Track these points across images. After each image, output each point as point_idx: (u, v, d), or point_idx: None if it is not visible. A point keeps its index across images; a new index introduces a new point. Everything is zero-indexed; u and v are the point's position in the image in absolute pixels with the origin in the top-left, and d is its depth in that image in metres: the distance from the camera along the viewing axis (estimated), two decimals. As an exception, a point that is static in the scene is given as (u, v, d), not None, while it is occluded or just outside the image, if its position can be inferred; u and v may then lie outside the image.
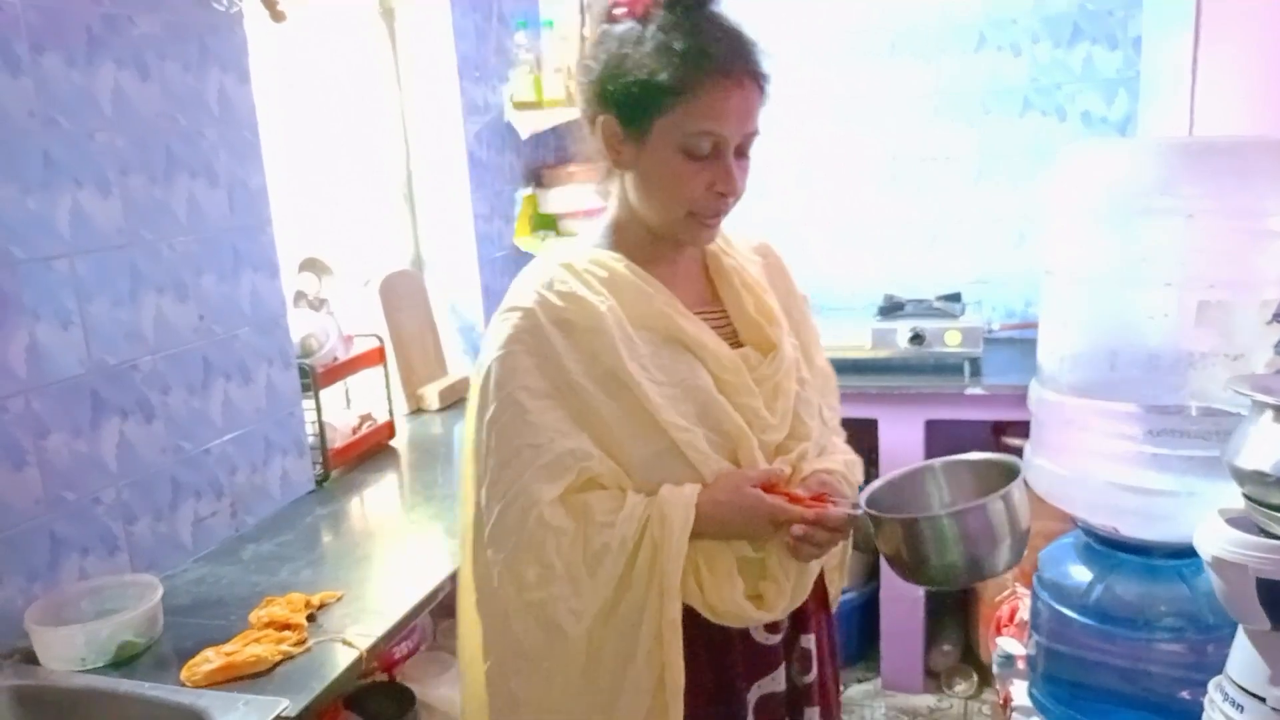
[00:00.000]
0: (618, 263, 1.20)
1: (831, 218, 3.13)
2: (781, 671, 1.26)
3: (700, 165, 1.13)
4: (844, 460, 1.33)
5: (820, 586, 1.34)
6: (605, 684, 1.16)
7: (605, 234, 1.25)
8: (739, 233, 1.34)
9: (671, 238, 1.21)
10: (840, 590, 1.41)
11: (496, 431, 1.16)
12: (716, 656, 1.20)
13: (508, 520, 1.14)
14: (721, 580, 1.17)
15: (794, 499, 1.17)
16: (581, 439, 1.14)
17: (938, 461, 1.28)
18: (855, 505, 1.17)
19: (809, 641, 1.30)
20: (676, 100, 1.10)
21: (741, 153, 1.16)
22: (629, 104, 1.13)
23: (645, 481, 1.17)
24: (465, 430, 1.25)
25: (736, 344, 1.25)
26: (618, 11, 1.15)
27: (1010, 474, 1.16)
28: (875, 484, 1.24)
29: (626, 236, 1.23)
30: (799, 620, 1.29)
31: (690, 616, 1.16)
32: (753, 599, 1.18)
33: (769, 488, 1.17)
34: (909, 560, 1.13)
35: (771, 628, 1.24)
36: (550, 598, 1.13)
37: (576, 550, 1.13)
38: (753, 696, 1.23)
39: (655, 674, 1.14)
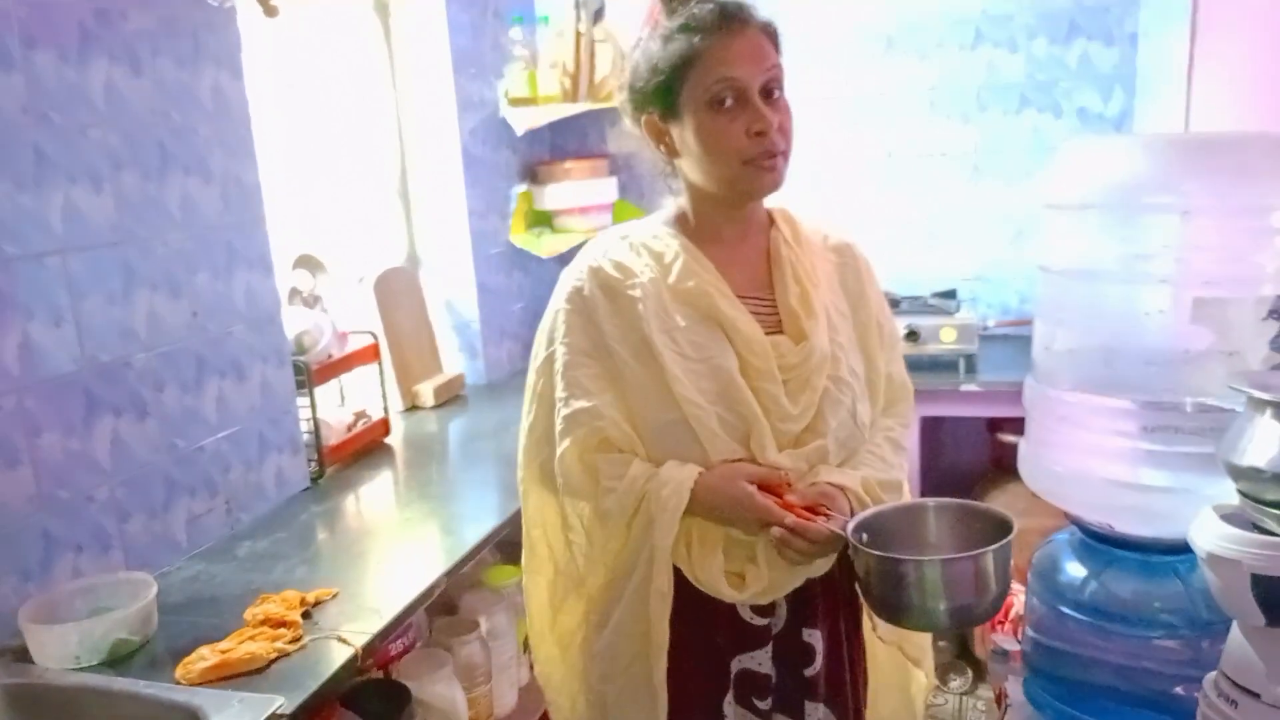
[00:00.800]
0: (673, 238, 1.30)
1: (827, 214, 3.12)
2: (766, 654, 1.30)
3: (731, 115, 1.20)
4: (864, 477, 1.30)
5: (842, 585, 1.33)
6: (610, 618, 1.31)
7: (670, 216, 1.35)
8: (822, 228, 1.41)
9: (742, 197, 1.28)
10: None
11: (543, 379, 1.32)
12: (704, 622, 1.28)
13: (549, 466, 1.30)
14: (707, 553, 1.25)
15: (786, 504, 1.20)
16: (601, 398, 1.25)
17: (933, 500, 1.27)
18: (844, 525, 1.17)
19: (812, 636, 1.31)
20: (689, 69, 1.21)
21: (769, 94, 1.22)
22: (656, 93, 1.24)
23: (655, 449, 1.26)
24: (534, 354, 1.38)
25: (778, 331, 1.30)
26: (634, 43, 1.31)
27: (1002, 524, 1.16)
28: (867, 512, 1.23)
29: (690, 219, 1.33)
30: (803, 613, 1.30)
31: (684, 579, 1.26)
32: (735, 577, 1.26)
33: (766, 487, 1.21)
34: (890, 599, 1.13)
35: (762, 611, 1.29)
36: (573, 542, 1.34)
37: (586, 508, 1.29)
38: (734, 667, 1.30)
39: (642, 627, 1.26)
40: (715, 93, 1.20)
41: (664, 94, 1.24)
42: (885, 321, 1.40)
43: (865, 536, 1.16)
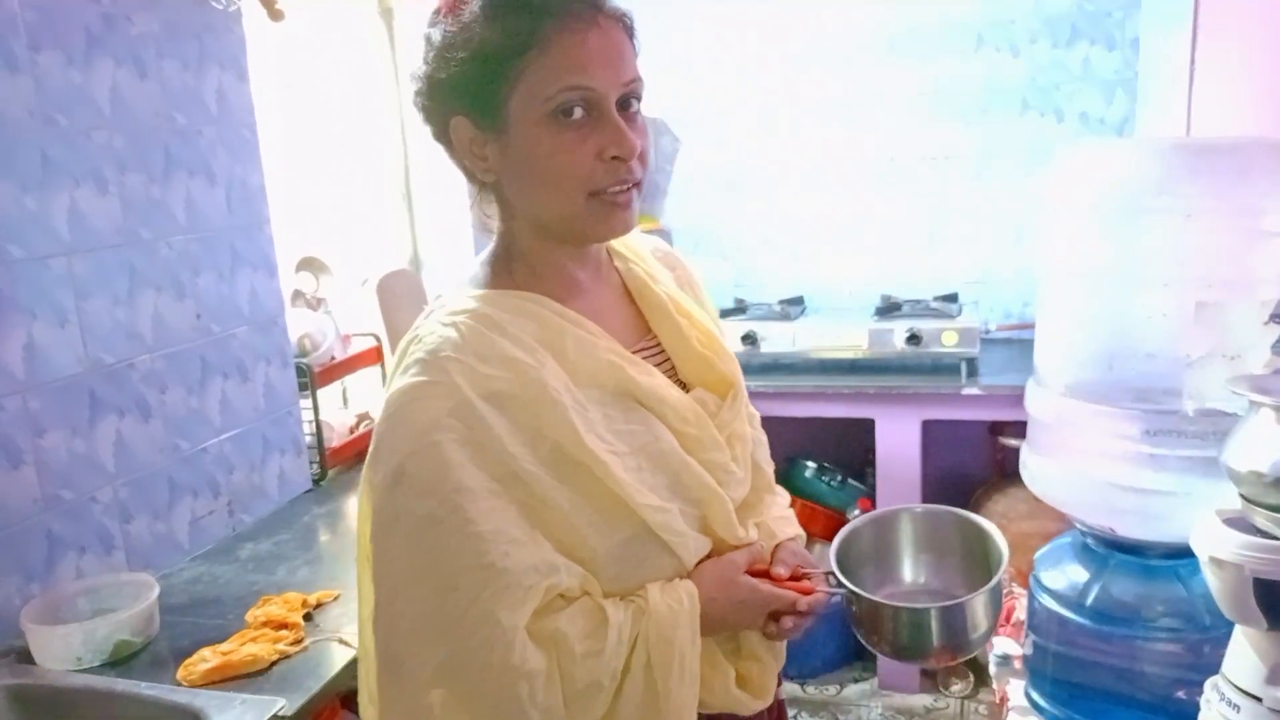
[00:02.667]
0: (539, 306, 0.97)
1: (829, 217, 3.13)
2: None
3: (579, 132, 0.91)
4: (790, 511, 1.19)
5: None
6: None
7: (495, 270, 1.02)
8: (643, 243, 1.14)
9: (583, 240, 1.00)
10: None
11: (430, 548, 0.90)
12: None
13: (463, 660, 0.90)
14: (708, 672, 1.01)
15: (776, 580, 1.05)
16: (541, 545, 0.92)
17: (919, 507, 1.22)
18: (828, 575, 1.08)
19: (781, 692, 1.18)
20: (522, 62, 0.90)
21: (626, 107, 0.94)
22: (471, 90, 0.93)
23: (615, 578, 0.97)
24: (361, 536, 1.01)
25: (679, 383, 1.06)
26: (434, 16, 0.97)
27: (993, 550, 1.11)
28: (849, 527, 1.15)
29: (527, 269, 1.00)
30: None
31: None
32: (737, 682, 1.05)
33: (751, 570, 1.04)
34: (886, 637, 1.08)
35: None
36: None
37: (555, 693, 0.91)
38: None
39: None
40: (559, 102, 0.90)
41: (481, 94, 0.92)
42: (722, 330, 1.17)
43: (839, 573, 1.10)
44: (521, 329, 0.95)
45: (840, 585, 1.07)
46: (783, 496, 1.21)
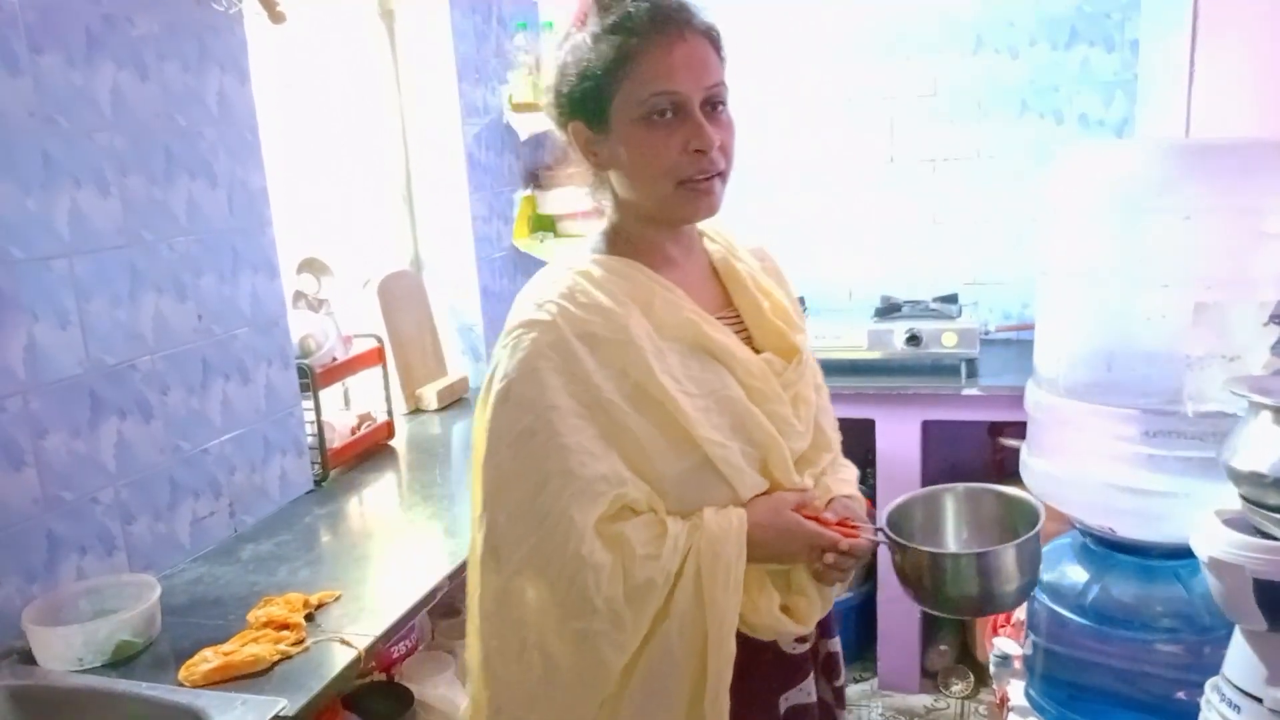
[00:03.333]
0: (636, 270, 1.16)
1: (829, 218, 3.14)
2: (810, 681, 1.24)
3: (668, 130, 1.09)
4: (853, 478, 1.32)
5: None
6: (634, 709, 1.13)
7: (606, 242, 1.21)
8: (736, 236, 1.32)
9: (674, 221, 1.18)
10: (847, 592, 1.41)
11: (526, 455, 1.10)
12: (745, 668, 1.14)
13: (547, 548, 1.09)
14: (755, 595, 1.15)
15: (824, 523, 1.16)
16: (614, 461, 1.10)
17: (961, 486, 1.30)
18: (877, 531, 1.19)
19: (834, 645, 1.31)
20: (621, 76, 1.09)
21: (712, 108, 1.11)
22: (585, 100, 1.12)
23: (678, 500, 1.13)
24: (475, 451, 1.18)
25: (753, 350, 1.22)
26: (559, 40, 1.17)
27: (1030, 512, 1.18)
28: (898, 501, 1.25)
29: (630, 241, 1.19)
30: (823, 626, 1.28)
31: None
32: (783, 610, 1.17)
33: (800, 509, 1.17)
34: (927, 588, 1.16)
35: (800, 638, 1.23)
36: (592, 631, 1.09)
37: (616, 585, 1.08)
38: (783, 705, 1.22)
39: (689, 706, 1.12)
40: (651, 106, 1.08)
41: (592, 103, 1.12)
42: (803, 325, 1.34)
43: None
44: (616, 285, 1.14)
45: (887, 538, 1.17)
46: (849, 470, 1.33)
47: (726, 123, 1.13)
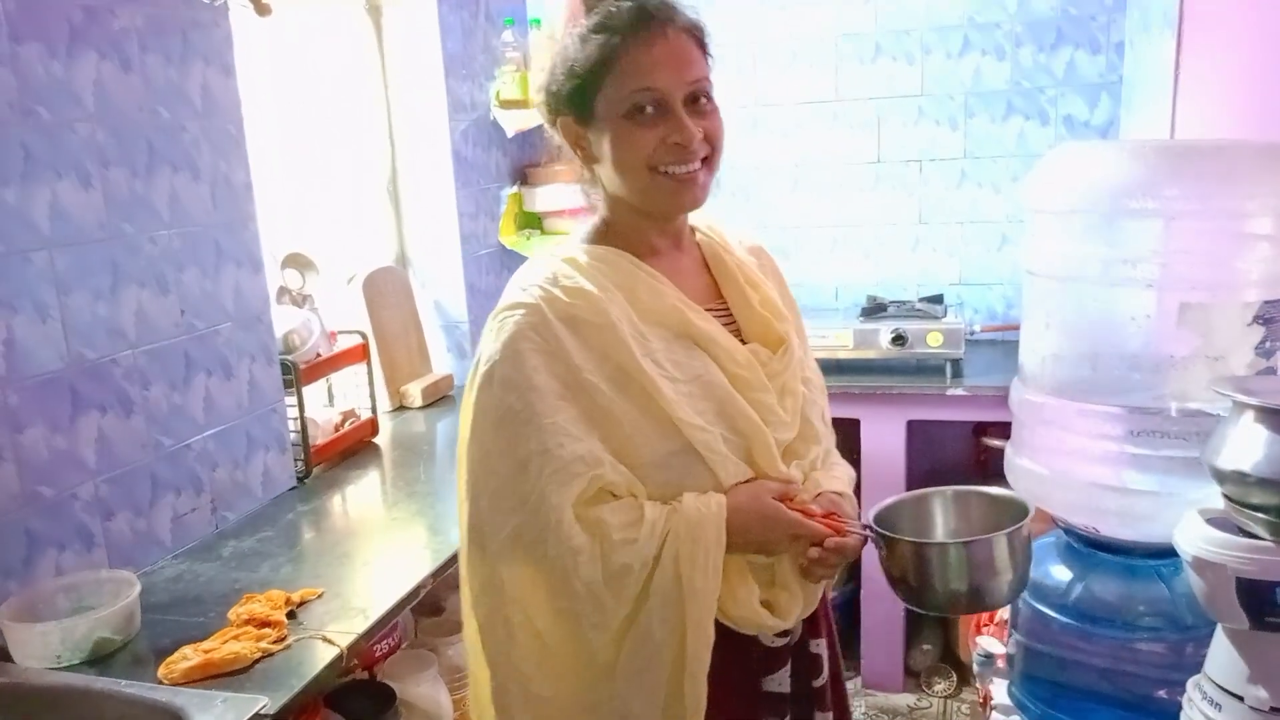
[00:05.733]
0: (622, 258, 1.18)
1: (816, 218, 3.14)
2: (786, 673, 1.24)
3: (650, 125, 1.11)
4: (847, 476, 1.32)
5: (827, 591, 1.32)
6: (619, 689, 1.14)
7: (596, 233, 1.23)
8: (733, 234, 1.33)
9: (660, 213, 1.20)
10: (831, 591, 1.41)
11: (507, 435, 1.11)
12: (725, 655, 1.15)
13: (528, 531, 1.11)
14: (735, 585, 1.15)
15: (809, 514, 1.16)
16: (592, 442, 1.11)
17: (950, 489, 1.29)
18: (865, 527, 1.18)
19: (819, 646, 1.29)
20: (605, 73, 1.12)
21: (695, 102, 1.13)
22: (572, 96, 1.15)
23: (659, 484, 1.14)
24: (461, 433, 1.19)
25: (741, 341, 1.23)
26: (549, 42, 1.23)
27: (1019, 512, 1.18)
28: (886, 502, 1.24)
29: (619, 233, 1.21)
30: (809, 624, 1.27)
31: None
32: (764, 605, 1.17)
33: (784, 499, 1.16)
34: (915, 584, 1.15)
35: (781, 632, 1.22)
36: (575, 611, 1.11)
37: (595, 569, 1.09)
38: (762, 688, 1.23)
39: (669, 683, 1.13)
40: (633, 102, 1.11)
41: (579, 99, 1.15)
42: (801, 323, 1.36)
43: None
44: (601, 272, 1.16)
45: (874, 533, 1.17)
46: (843, 469, 1.33)
47: (712, 112, 1.15)
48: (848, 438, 2.74)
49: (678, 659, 1.12)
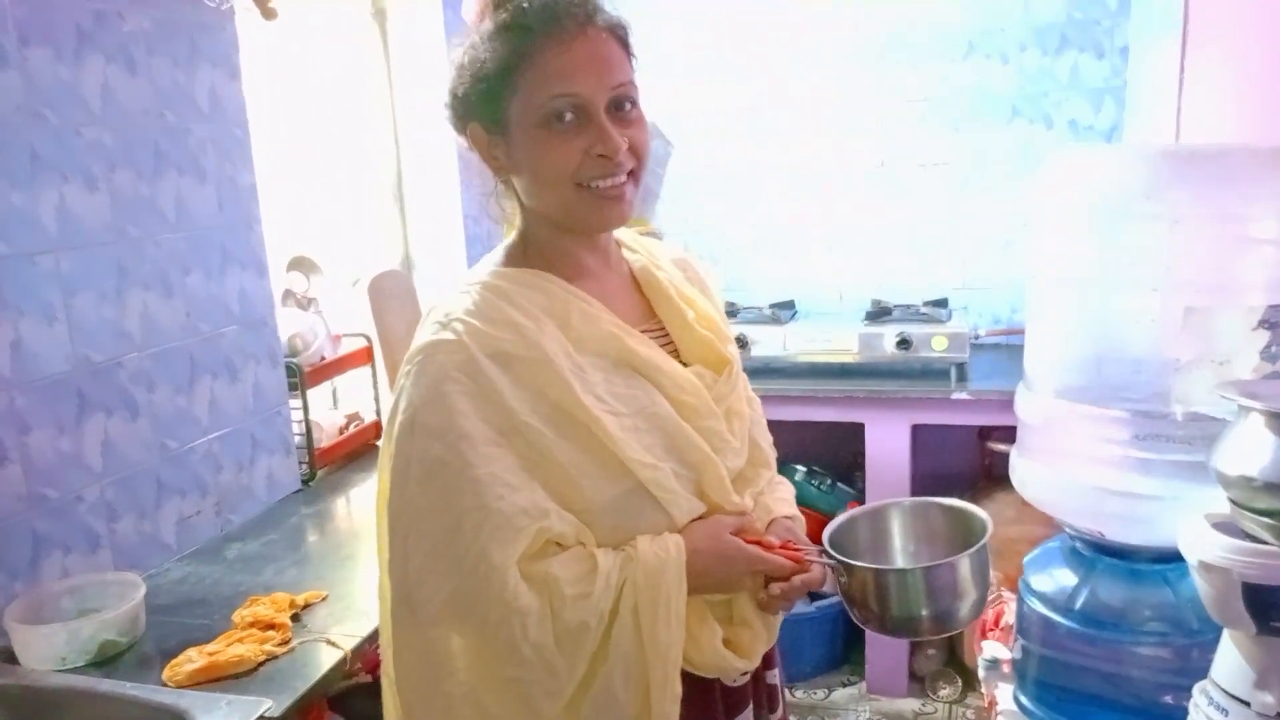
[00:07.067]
0: (549, 282, 1.06)
1: (820, 223, 3.14)
2: (749, 713, 1.17)
3: (569, 135, 1.00)
4: (791, 496, 1.26)
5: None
6: None
7: (512, 253, 1.11)
8: (659, 247, 1.25)
9: (583, 229, 1.09)
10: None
11: (436, 490, 0.99)
12: (687, 700, 1.06)
13: (466, 594, 0.99)
14: (696, 629, 1.06)
15: (767, 546, 1.10)
16: (534, 492, 1.00)
17: (907, 500, 1.26)
18: (820, 551, 1.13)
19: (773, 677, 1.24)
20: (516, 76, 1.00)
21: (618, 108, 1.03)
22: (480, 101, 1.04)
23: (608, 529, 1.04)
24: (381, 487, 1.08)
25: (680, 364, 1.14)
26: (456, 40, 1.10)
27: (978, 525, 1.15)
28: (841, 518, 1.20)
29: (540, 253, 1.10)
30: (765, 658, 1.19)
31: None
32: (726, 644, 1.10)
33: (740, 533, 1.10)
34: (876, 609, 1.11)
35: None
36: (524, 680, 1.00)
37: (545, 631, 0.99)
38: None
39: None
40: (550, 109, 0.99)
41: (488, 105, 1.03)
42: (732, 339, 1.25)
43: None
44: (528, 299, 1.04)
45: (832, 559, 1.11)
46: (786, 488, 1.26)
47: (637, 120, 1.05)
48: (852, 442, 2.74)
49: (643, 718, 1.03)
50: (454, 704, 1.03)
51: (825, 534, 1.16)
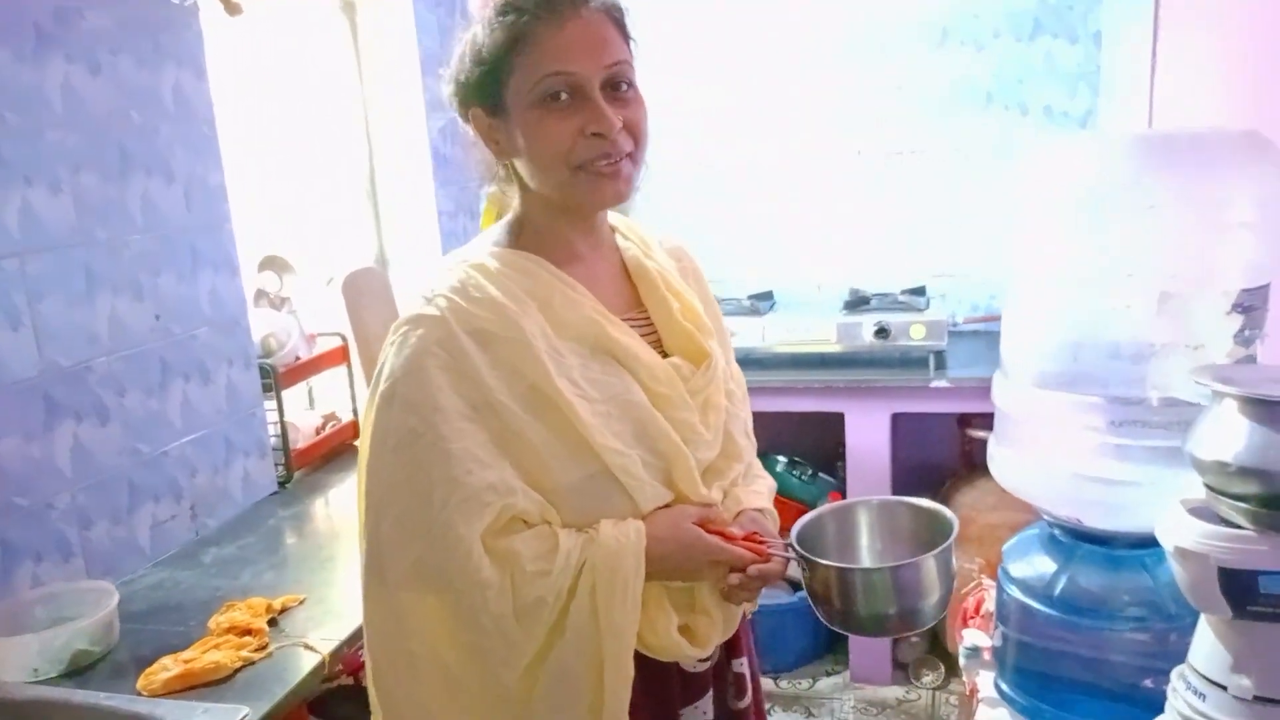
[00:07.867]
0: (537, 265, 1.09)
1: (797, 213, 3.14)
2: (709, 698, 1.19)
3: (564, 114, 1.03)
4: (768, 489, 1.27)
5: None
6: None
7: (510, 233, 1.14)
8: (654, 235, 1.26)
9: (581, 209, 1.11)
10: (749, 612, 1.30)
11: (410, 461, 1.03)
12: (644, 684, 1.09)
13: (432, 562, 1.03)
14: (654, 613, 1.09)
15: (729, 538, 1.11)
16: (503, 469, 1.03)
17: (876, 499, 1.27)
18: (786, 546, 1.13)
19: (741, 665, 1.25)
20: (514, 58, 1.03)
21: (615, 88, 1.05)
22: (481, 85, 1.07)
23: (573, 510, 1.07)
24: (361, 454, 1.11)
25: (662, 354, 1.16)
26: (458, 32, 1.13)
27: (944, 525, 1.15)
28: (809, 516, 1.20)
29: (534, 234, 1.13)
30: (731, 644, 1.22)
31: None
32: (683, 631, 1.12)
33: (703, 523, 1.11)
34: (840, 607, 1.11)
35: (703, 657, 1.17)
36: (483, 647, 1.04)
37: (505, 603, 1.02)
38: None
39: (587, 715, 1.06)
40: (545, 88, 1.02)
41: (488, 88, 1.06)
42: (722, 322, 1.29)
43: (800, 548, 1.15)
44: (514, 280, 1.07)
45: (796, 554, 1.12)
46: (764, 482, 1.28)
47: (634, 100, 1.07)
48: (833, 431, 2.74)
49: (596, 695, 1.06)
50: (417, 663, 1.06)
51: (793, 531, 1.16)
